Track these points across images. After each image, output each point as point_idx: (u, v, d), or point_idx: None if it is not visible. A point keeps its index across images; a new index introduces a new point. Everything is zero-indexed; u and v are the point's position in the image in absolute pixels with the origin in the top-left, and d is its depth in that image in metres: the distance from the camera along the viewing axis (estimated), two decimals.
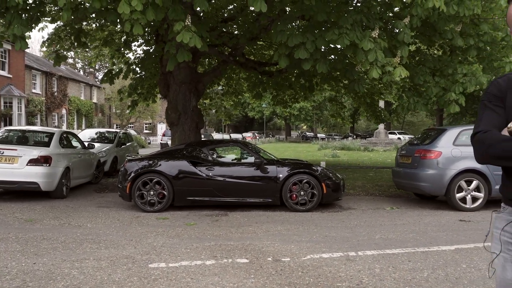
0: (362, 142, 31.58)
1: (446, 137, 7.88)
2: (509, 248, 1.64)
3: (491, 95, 1.70)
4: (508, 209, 1.67)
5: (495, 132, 1.60)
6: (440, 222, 6.58)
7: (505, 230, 1.66)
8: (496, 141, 1.57)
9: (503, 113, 1.64)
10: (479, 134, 1.63)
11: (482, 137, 1.61)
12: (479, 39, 9.57)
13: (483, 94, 1.75)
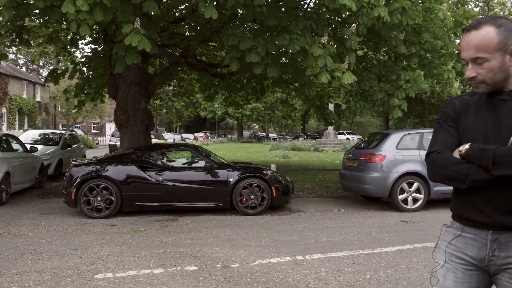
0: (312, 142, 32.23)
1: (390, 141, 8.23)
2: (452, 259, 1.75)
3: (447, 115, 1.78)
4: (456, 224, 1.77)
5: (448, 153, 1.68)
6: (384, 223, 6.87)
7: (451, 243, 1.76)
8: (448, 163, 1.65)
9: (456, 134, 1.73)
10: (433, 154, 1.71)
11: (436, 158, 1.69)
12: (420, 47, 10.06)
13: (439, 112, 1.83)
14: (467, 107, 1.74)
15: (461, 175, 1.61)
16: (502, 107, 1.65)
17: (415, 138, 8.38)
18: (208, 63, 12.84)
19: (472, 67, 1.65)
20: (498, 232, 1.63)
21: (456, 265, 1.73)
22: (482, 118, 1.68)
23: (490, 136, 1.64)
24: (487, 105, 1.69)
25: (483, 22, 1.62)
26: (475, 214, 1.67)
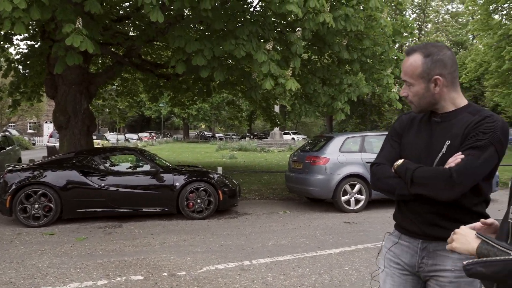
0: (259, 143, 32.49)
1: (333, 144, 8.48)
2: (391, 264, 1.88)
3: (394, 130, 1.91)
4: (396, 232, 1.90)
5: (386, 167, 1.81)
6: (328, 225, 7.08)
7: (391, 250, 1.89)
8: (383, 176, 1.80)
9: (398, 148, 1.86)
10: (374, 167, 1.86)
11: (375, 170, 1.85)
12: (362, 53, 10.46)
13: (391, 126, 1.97)
14: (411, 124, 1.86)
15: (392, 188, 1.76)
16: (436, 128, 1.77)
17: (357, 141, 8.70)
18: (153, 63, 12.59)
19: (404, 87, 1.80)
20: (427, 241, 1.77)
21: (394, 270, 1.87)
22: (419, 137, 1.80)
23: (422, 155, 1.76)
24: (425, 125, 1.81)
25: (416, 49, 1.74)
26: (408, 224, 1.81)
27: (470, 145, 1.62)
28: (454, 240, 1.32)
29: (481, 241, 1.21)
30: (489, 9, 21.54)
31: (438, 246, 1.73)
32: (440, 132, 1.75)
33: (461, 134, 1.67)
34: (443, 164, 1.67)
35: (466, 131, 1.67)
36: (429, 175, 1.65)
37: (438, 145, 1.72)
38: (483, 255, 1.18)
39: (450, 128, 1.73)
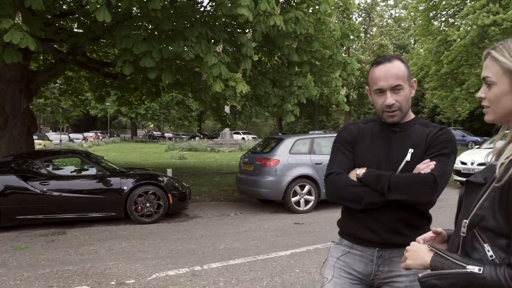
0: (209, 143, 32.31)
1: (283, 146, 8.57)
2: (341, 274, 1.88)
3: (344, 139, 1.91)
4: (345, 241, 1.90)
5: (346, 175, 1.81)
6: (278, 226, 7.14)
7: (340, 259, 1.90)
8: (345, 185, 1.79)
9: (352, 157, 1.87)
10: (332, 176, 1.83)
11: (334, 179, 1.82)
12: (311, 55, 10.66)
13: (337, 136, 1.97)
14: (363, 134, 1.89)
15: (358, 197, 1.75)
16: (394, 138, 1.83)
17: (306, 143, 8.84)
18: (99, 62, 12.16)
19: (391, 95, 1.77)
20: (383, 249, 1.81)
21: (344, 280, 1.87)
22: (376, 146, 1.84)
23: (382, 164, 1.80)
24: (381, 135, 1.86)
25: (393, 57, 1.81)
26: (365, 233, 1.81)
27: (437, 153, 1.74)
28: (407, 257, 1.33)
29: (434, 254, 1.23)
30: (429, 16, 22.66)
31: (393, 253, 1.80)
32: (400, 141, 1.82)
33: (423, 143, 1.79)
34: (408, 172, 1.75)
35: (428, 141, 1.79)
36: (410, 181, 1.70)
37: (400, 154, 1.79)
38: (437, 268, 1.19)
39: (408, 138, 1.82)
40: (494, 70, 1.22)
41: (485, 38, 18.89)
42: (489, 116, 1.28)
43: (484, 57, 1.30)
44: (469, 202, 1.27)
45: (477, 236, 1.18)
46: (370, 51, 35.47)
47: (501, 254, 1.11)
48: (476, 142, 28.15)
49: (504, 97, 1.20)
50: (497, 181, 1.14)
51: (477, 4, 18.06)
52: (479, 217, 1.17)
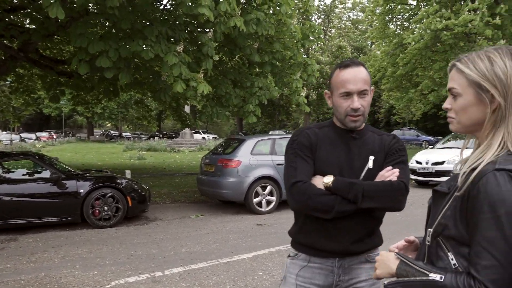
0: (169, 142, 31.82)
1: (245, 147, 8.55)
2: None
3: (302, 144, 1.80)
4: (301, 255, 1.83)
5: (313, 184, 1.72)
6: (240, 227, 7.11)
7: (299, 275, 1.83)
8: (314, 194, 1.69)
9: (312, 164, 1.78)
10: (300, 184, 1.71)
11: (303, 188, 1.70)
12: (272, 56, 10.70)
13: (292, 140, 1.84)
14: (320, 140, 1.82)
15: (328, 206, 1.68)
16: (353, 144, 1.81)
17: (268, 144, 8.86)
18: (53, 59, 11.68)
19: (358, 99, 1.74)
20: (342, 259, 1.79)
21: None
22: (337, 153, 1.79)
23: (344, 171, 1.76)
24: (340, 141, 1.82)
25: (357, 62, 1.79)
26: (327, 243, 1.76)
27: (397, 160, 1.80)
28: (377, 267, 1.35)
29: (400, 262, 1.25)
30: (386, 19, 23.30)
31: (352, 261, 1.80)
32: (359, 148, 1.81)
33: (381, 151, 1.82)
34: (369, 178, 1.75)
35: (387, 148, 1.83)
36: (384, 188, 1.71)
37: (361, 161, 1.78)
38: (402, 276, 1.21)
39: (366, 144, 1.82)
40: (460, 82, 1.24)
41: (438, 42, 19.63)
42: (454, 126, 1.30)
43: (450, 69, 1.32)
44: (435, 211, 1.29)
45: (441, 245, 1.20)
46: (329, 53, 36.08)
47: (463, 263, 1.14)
48: (429, 141, 29.28)
49: (470, 108, 1.23)
50: (458, 190, 1.17)
51: (430, 10, 18.70)
52: (442, 226, 1.20)
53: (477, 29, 17.23)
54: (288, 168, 1.80)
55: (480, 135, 1.25)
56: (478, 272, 1.06)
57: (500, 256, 1.05)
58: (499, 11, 17.70)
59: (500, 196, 1.07)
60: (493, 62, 1.19)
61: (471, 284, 1.06)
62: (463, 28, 17.53)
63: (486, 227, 1.07)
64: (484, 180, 1.10)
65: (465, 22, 17.41)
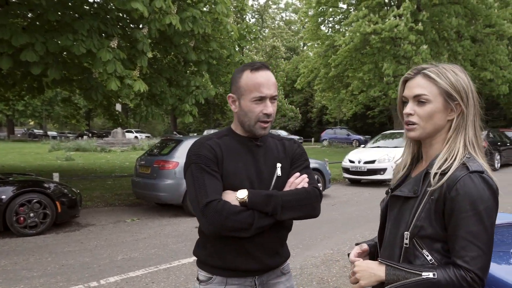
0: (99, 142, 30.45)
1: (182, 148, 8.34)
2: None
3: (207, 158, 1.63)
4: (217, 278, 1.68)
5: (228, 202, 1.57)
6: (179, 231, 6.92)
7: None
8: (232, 212, 1.53)
9: (220, 179, 1.62)
10: (214, 204, 1.53)
11: (218, 208, 1.53)
12: (209, 55, 10.57)
13: (193, 155, 1.65)
14: (224, 151, 1.67)
15: (246, 223, 1.54)
16: (257, 153, 1.71)
17: None
18: None
19: (271, 105, 1.66)
20: (261, 276, 1.71)
21: None
22: (243, 164, 1.67)
23: (254, 182, 1.65)
24: (244, 150, 1.70)
25: (266, 65, 1.69)
26: (245, 262, 1.65)
27: (304, 165, 1.78)
28: (359, 278, 1.35)
29: (387, 267, 1.30)
30: (318, 21, 23.98)
31: (270, 276, 1.74)
32: (264, 156, 1.72)
33: (287, 157, 1.77)
34: (279, 187, 1.68)
35: (291, 154, 1.78)
36: (301, 197, 1.65)
37: (269, 169, 1.70)
38: (393, 281, 1.27)
39: (270, 151, 1.74)
40: (431, 90, 1.34)
41: (367, 45, 20.54)
42: (416, 132, 1.38)
43: (411, 76, 1.39)
44: (398, 214, 1.39)
45: (417, 245, 1.31)
46: (263, 52, 36.48)
47: (437, 257, 1.28)
48: (359, 140, 30.63)
49: (436, 114, 1.34)
50: (431, 195, 1.29)
51: (360, 14, 19.52)
52: (418, 228, 1.30)
53: (402, 34, 18.24)
54: (196, 187, 1.59)
55: (435, 141, 1.38)
56: (468, 263, 1.21)
57: (483, 246, 1.22)
58: (421, 17, 18.88)
59: (478, 195, 1.23)
60: (458, 75, 1.34)
61: (463, 275, 1.21)
62: (390, 32, 18.48)
63: (469, 223, 1.22)
64: (461, 182, 1.24)
65: (391, 27, 18.37)
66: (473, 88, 1.36)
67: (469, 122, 1.34)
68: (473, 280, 1.21)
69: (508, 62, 21.11)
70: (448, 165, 1.29)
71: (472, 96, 1.34)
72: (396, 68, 18.98)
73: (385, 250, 1.44)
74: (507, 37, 21.50)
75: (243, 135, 1.73)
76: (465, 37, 21.02)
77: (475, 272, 1.21)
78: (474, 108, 1.35)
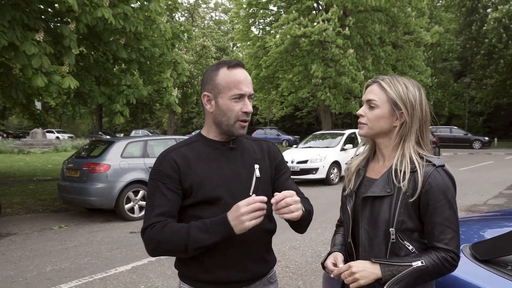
0: (16, 143, 28.27)
1: (114, 150, 7.98)
2: None
3: (164, 174, 1.53)
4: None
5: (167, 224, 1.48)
6: (113, 237, 6.59)
7: None
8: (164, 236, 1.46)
9: (177, 197, 1.53)
10: (148, 231, 1.48)
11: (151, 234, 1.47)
12: (140, 53, 10.22)
13: (154, 169, 1.56)
14: (193, 161, 1.56)
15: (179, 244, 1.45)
16: (232, 155, 1.63)
17: (139, 146, 8.42)
18: None
19: (249, 103, 1.59)
20: (249, 286, 1.63)
21: None
22: (219, 170, 1.57)
23: (233, 186, 1.57)
24: (217, 155, 1.60)
25: (242, 63, 1.62)
26: (233, 274, 1.57)
27: (288, 174, 1.79)
28: (359, 278, 1.44)
29: (380, 265, 1.43)
30: (249, 22, 24.16)
31: (256, 286, 1.66)
32: (240, 158, 1.64)
33: (263, 157, 1.70)
34: (260, 188, 1.61)
35: (268, 154, 1.73)
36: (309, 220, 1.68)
37: (247, 171, 1.62)
38: (390, 277, 1.40)
39: (246, 152, 1.66)
40: (380, 96, 1.53)
41: (297, 47, 21.06)
42: (365, 131, 1.57)
43: (369, 84, 1.59)
44: (373, 213, 1.49)
45: (400, 238, 1.46)
46: (193, 52, 36.04)
47: (416, 245, 1.46)
48: (288, 140, 31.34)
49: (382, 119, 1.53)
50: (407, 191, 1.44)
51: (290, 17, 19.96)
52: (400, 222, 1.45)
53: (330, 38, 18.92)
54: (147, 207, 1.55)
55: (385, 142, 1.57)
56: (447, 244, 1.41)
57: (455, 227, 1.43)
58: (348, 23, 19.72)
59: (446, 186, 1.43)
60: (408, 88, 1.52)
61: (444, 257, 1.40)
62: (319, 36, 19.09)
63: (444, 210, 1.41)
64: (432, 177, 1.43)
65: (320, 30, 18.99)
66: (424, 103, 1.54)
67: (413, 130, 1.51)
68: (452, 259, 1.41)
69: (425, 68, 22.73)
70: (410, 165, 1.46)
71: (419, 109, 1.52)
72: (325, 70, 19.65)
73: (370, 249, 1.51)
74: (423, 44, 23.16)
75: (215, 139, 1.63)
76: (387, 43, 22.31)
77: (453, 251, 1.41)
78: (420, 119, 1.52)
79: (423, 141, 1.53)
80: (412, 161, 1.47)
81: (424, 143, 1.54)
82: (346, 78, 18.97)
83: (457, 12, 31.72)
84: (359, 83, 19.55)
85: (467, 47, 31.23)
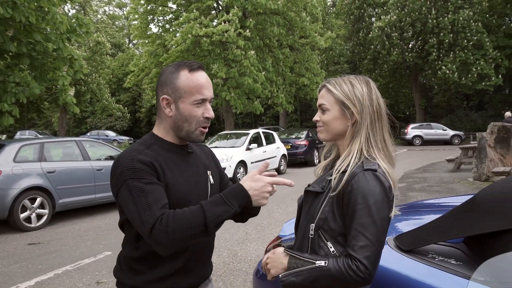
0: None
1: (5, 154, 7.20)
2: None
3: (143, 171, 1.39)
4: None
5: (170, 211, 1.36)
6: (9, 251, 5.95)
7: None
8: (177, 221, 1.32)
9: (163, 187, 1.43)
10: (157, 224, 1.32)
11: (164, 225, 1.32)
12: (32, 47, 9.39)
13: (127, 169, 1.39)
14: (161, 163, 1.47)
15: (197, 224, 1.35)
16: (190, 160, 1.60)
17: (35, 149, 7.68)
18: None
19: (210, 107, 1.55)
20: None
21: None
22: (182, 176, 1.53)
23: (194, 191, 1.54)
24: (179, 159, 1.56)
25: (202, 65, 1.57)
26: (187, 280, 1.54)
27: (225, 174, 1.80)
28: (270, 268, 1.46)
29: (289, 257, 1.42)
30: (148, 19, 23.43)
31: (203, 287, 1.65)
32: (195, 163, 1.61)
33: (211, 163, 1.72)
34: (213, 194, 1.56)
35: (214, 160, 1.77)
36: None
37: (202, 176, 1.61)
38: (293, 268, 1.39)
39: (199, 158, 1.65)
40: (328, 100, 1.53)
41: (197, 47, 20.95)
42: (323, 135, 1.58)
43: (320, 89, 1.60)
44: (310, 208, 1.51)
45: (322, 236, 1.43)
46: (86, 47, 33.94)
47: (340, 249, 1.39)
48: None
49: (335, 121, 1.52)
50: (332, 191, 1.42)
51: (191, 16, 19.76)
52: (322, 220, 1.43)
53: (232, 39, 19.14)
54: (138, 207, 1.35)
55: (342, 143, 1.55)
56: (355, 252, 1.31)
57: (371, 237, 1.31)
58: (248, 24, 20.12)
59: (369, 190, 1.35)
60: (354, 86, 1.50)
61: (349, 263, 1.30)
62: (221, 36, 19.20)
63: (360, 215, 1.33)
64: (356, 178, 1.38)
65: (222, 31, 19.11)
66: (373, 98, 1.49)
67: (364, 128, 1.47)
68: (357, 269, 1.28)
69: (320, 70, 24.09)
70: (346, 165, 1.44)
71: (369, 105, 1.47)
72: (227, 70, 19.82)
73: (298, 242, 1.55)
74: (317, 48, 24.54)
75: (174, 142, 1.56)
76: (285, 46, 23.22)
77: (361, 260, 1.28)
78: (372, 116, 1.47)
79: (374, 138, 1.47)
80: (349, 162, 1.43)
81: (376, 140, 1.47)
82: (248, 78, 19.34)
83: (346, 20, 34.07)
84: (260, 83, 20.07)
85: (356, 52, 33.72)
